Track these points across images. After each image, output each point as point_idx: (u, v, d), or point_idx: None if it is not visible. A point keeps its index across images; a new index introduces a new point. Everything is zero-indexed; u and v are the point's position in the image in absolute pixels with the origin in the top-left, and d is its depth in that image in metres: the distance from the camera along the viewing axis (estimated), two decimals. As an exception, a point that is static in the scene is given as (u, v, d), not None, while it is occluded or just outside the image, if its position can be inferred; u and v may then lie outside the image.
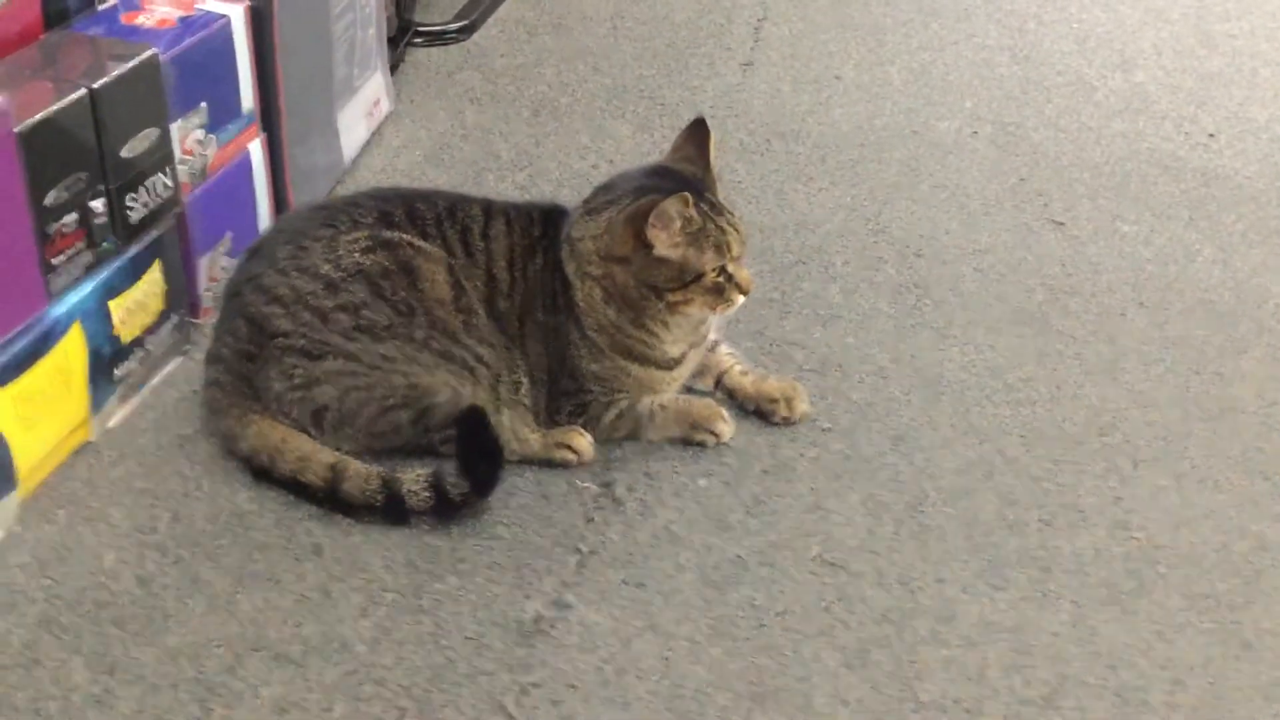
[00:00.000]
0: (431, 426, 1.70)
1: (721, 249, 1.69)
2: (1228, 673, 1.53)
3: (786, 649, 1.52)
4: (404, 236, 1.69)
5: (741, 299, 1.73)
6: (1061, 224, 2.45)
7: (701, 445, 1.82)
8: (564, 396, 1.77)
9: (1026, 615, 1.59)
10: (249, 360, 1.68)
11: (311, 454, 1.66)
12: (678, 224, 1.65)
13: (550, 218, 1.77)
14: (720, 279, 1.70)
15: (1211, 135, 2.81)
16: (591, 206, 1.75)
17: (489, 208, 1.78)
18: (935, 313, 2.16)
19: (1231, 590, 1.64)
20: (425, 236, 1.70)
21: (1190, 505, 1.78)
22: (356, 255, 1.66)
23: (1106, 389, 2.00)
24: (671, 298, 1.70)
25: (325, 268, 1.65)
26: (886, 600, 1.60)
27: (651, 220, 1.64)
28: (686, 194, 1.63)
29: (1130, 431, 1.91)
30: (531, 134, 2.66)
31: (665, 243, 1.66)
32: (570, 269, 1.73)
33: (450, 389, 1.67)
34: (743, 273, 1.72)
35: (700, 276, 1.68)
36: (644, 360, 1.77)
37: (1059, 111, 2.87)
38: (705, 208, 1.68)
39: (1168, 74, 3.08)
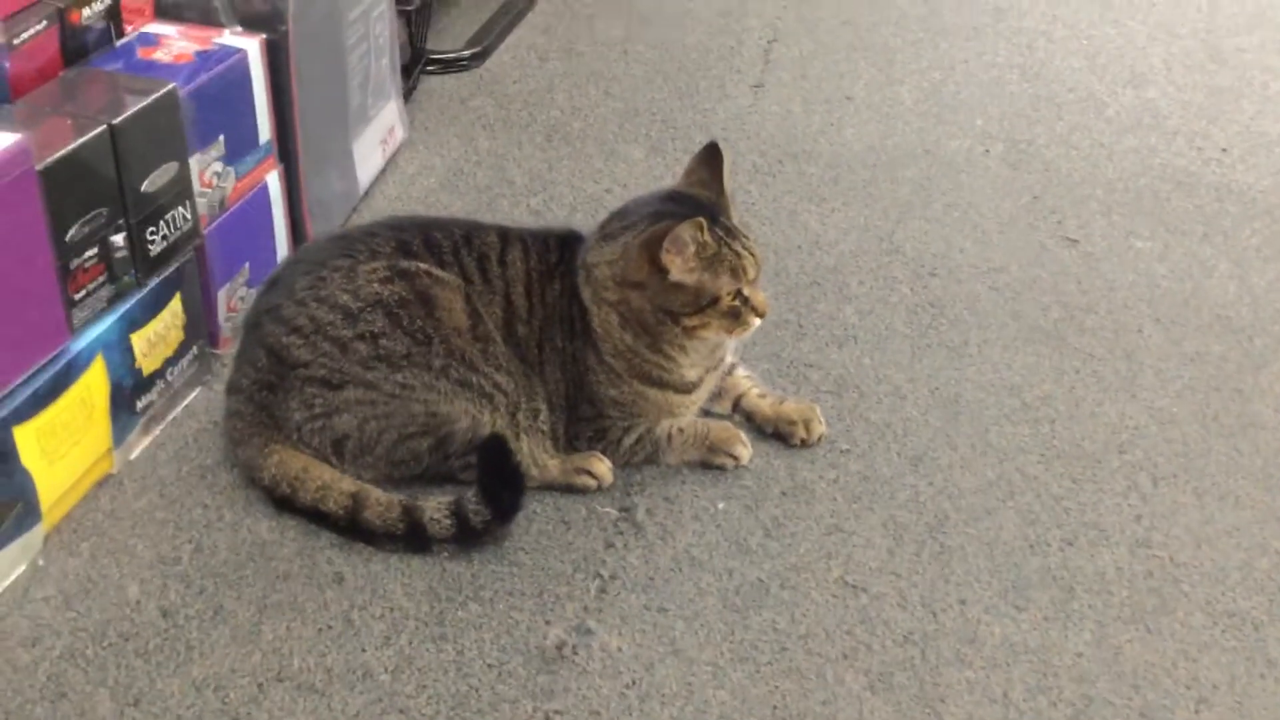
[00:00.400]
0: (451, 454, 1.70)
1: (737, 273, 1.69)
2: (1253, 691, 1.52)
3: (810, 672, 1.52)
4: (421, 265, 1.70)
5: (757, 322, 1.73)
6: (1075, 241, 2.45)
7: (720, 469, 1.82)
8: (583, 422, 1.78)
9: (1050, 636, 1.58)
10: (269, 390, 1.69)
11: (332, 483, 1.67)
12: (692, 249, 1.66)
13: (567, 243, 1.78)
14: (736, 303, 1.70)
15: (1224, 150, 2.80)
16: (606, 232, 1.75)
17: (505, 235, 1.79)
18: (951, 332, 2.16)
19: (1255, 608, 1.64)
20: (443, 265, 1.71)
21: (1212, 522, 1.77)
22: (375, 285, 1.67)
23: (1125, 406, 1.99)
24: (688, 322, 1.70)
25: (344, 298, 1.66)
26: (909, 622, 1.59)
27: (666, 245, 1.65)
28: (701, 219, 1.64)
29: (1150, 448, 1.91)
30: (545, 159, 2.67)
31: (680, 267, 1.67)
32: (586, 295, 1.74)
33: (469, 416, 1.68)
34: (759, 296, 1.72)
35: (716, 300, 1.69)
36: (661, 385, 1.77)
37: (1070, 128, 2.88)
38: (720, 232, 1.69)
39: (1179, 90, 3.08)
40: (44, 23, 1.74)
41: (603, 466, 1.77)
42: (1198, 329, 2.19)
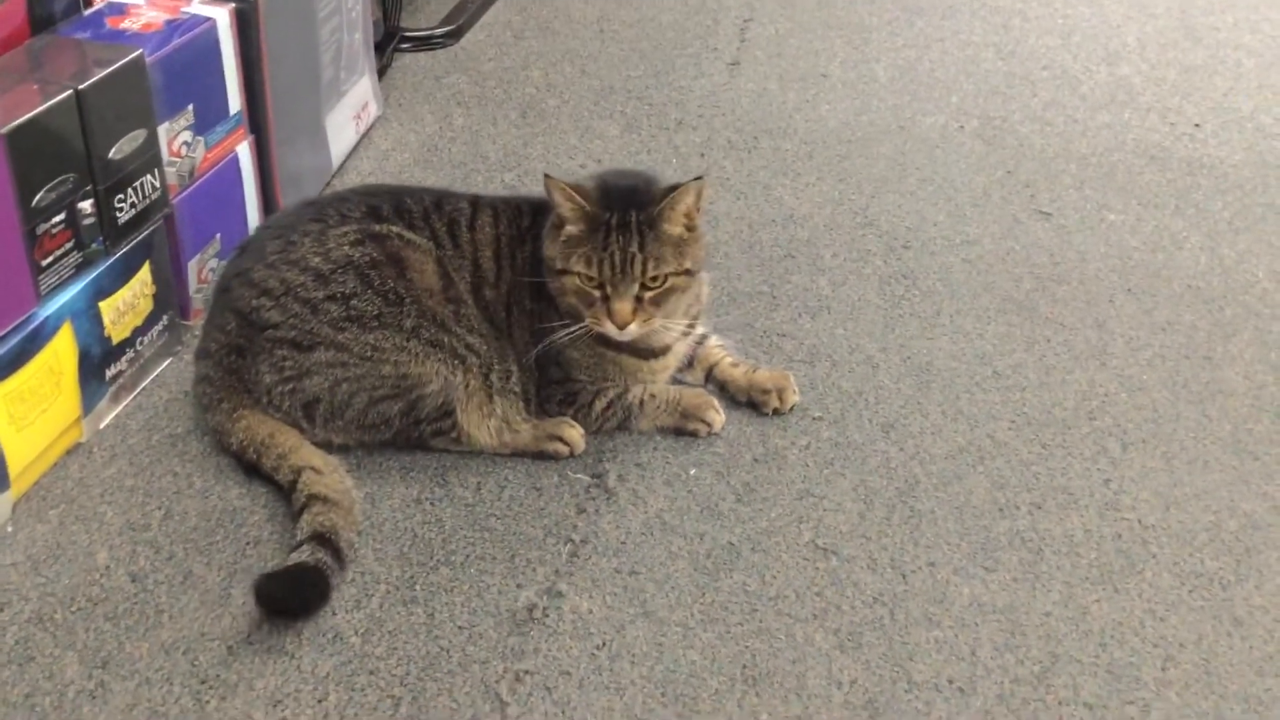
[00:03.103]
0: (422, 419, 1.70)
1: (591, 263, 1.65)
2: (1219, 649, 1.53)
3: (779, 633, 1.53)
4: (392, 229, 1.69)
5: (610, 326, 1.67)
6: (1048, 214, 2.46)
7: (694, 435, 1.83)
8: (553, 385, 1.78)
9: (1018, 596, 1.59)
10: (239, 354, 1.69)
11: (289, 453, 1.67)
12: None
13: (541, 210, 1.77)
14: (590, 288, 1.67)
15: (1197, 125, 2.82)
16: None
17: (476, 202, 1.79)
18: (924, 303, 2.17)
19: (1223, 568, 1.65)
20: (413, 229, 1.71)
21: (1180, 485, 1.78)
22: (346, 247, 1.67)
23: (1096, 374, 2.00)
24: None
25: (315, 260, 1.66)
26: (879, 584, 1.60)
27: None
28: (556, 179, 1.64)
29: (1119, 415, 1.92)
30: (520, 135, 2.67)
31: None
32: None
33: (441, 378, 1.68)
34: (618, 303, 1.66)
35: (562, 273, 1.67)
36: (623, 347, 1.76)
37: (1044, 105, 2.89)
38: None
39: (1152, 67, 3.09)
40: (10, -11, 1.73)
41: (574, 433, 1.77)
42: (1169, 299, 2.21)
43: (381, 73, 2.80)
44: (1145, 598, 1.60)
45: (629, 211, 1.65)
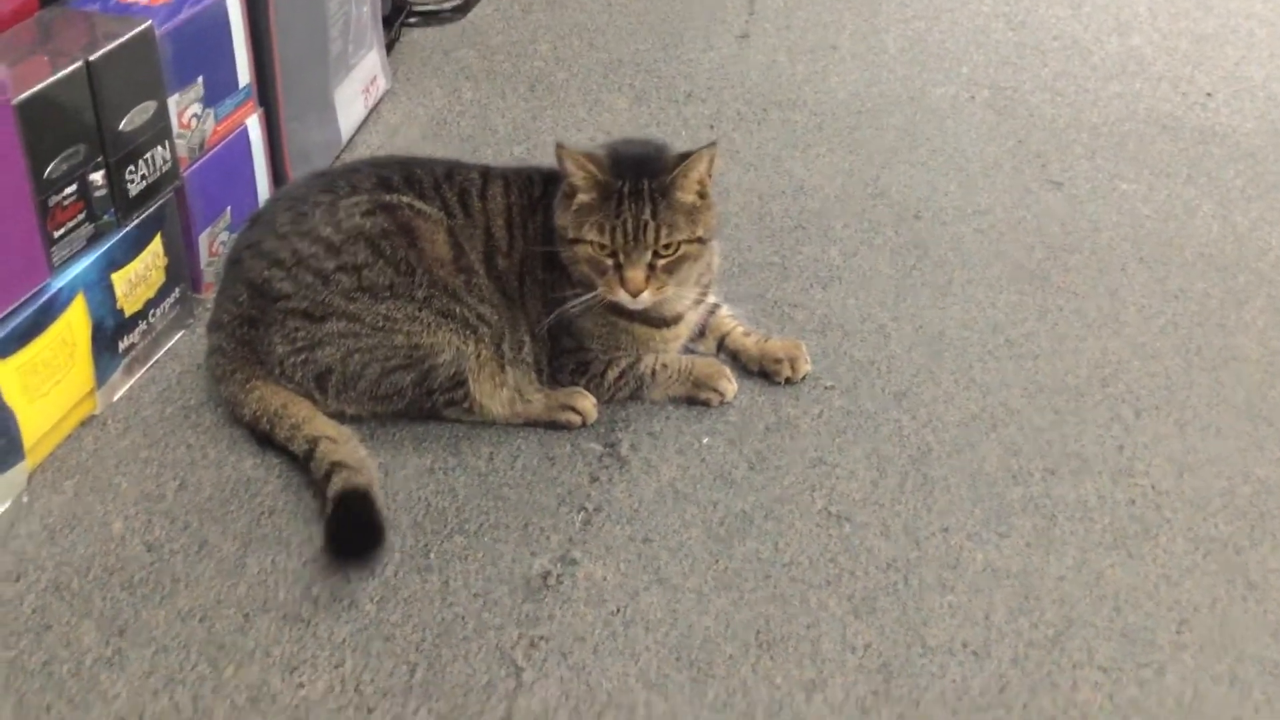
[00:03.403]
0: (434, 389, 1.70)
1: (603, 231, 1.64)
2: (1234, 613, 1.53)
3: (794, 599, 1.53)
4: (403, 199, 1.69)
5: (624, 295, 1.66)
6: (1060, 184, 2.45)
7: (706, 404, 1.83)
8: (565, 355, 1.78)
9: (1032, 561, 1.59)
10: (251, 325, 1.69)
11: (302, 423, 1.67)
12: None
13: (553, 179, 1.77)
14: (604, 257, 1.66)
15: (1209, 94, 2.80)
16: None
17: (487, 172, 1.79)
18: (935, 272, 2.16)
19: (1237, 533, 1.64)
20: (424, 199, 1.71)
21: (1194, 451, 1.78)
22: (357, 218, 1.67)
23: (1108, 342, 2.00)
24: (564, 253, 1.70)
25: (326, 230, 1.66)
26: (892, 550, 1.60)
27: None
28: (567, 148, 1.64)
29: (1133, 382, 1.91)
30: (528, 109, 2.66)
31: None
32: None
33: (453, 348, 1.68)
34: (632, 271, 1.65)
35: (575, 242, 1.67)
36: (629, 315, 1.75)
37: (1055, 75, 2.87)
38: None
39: (1164, 36, 3.07)
40: (19, -38, 1.73)
41: (586, 403, 1.77)
42: (1181, 267, 2.20)
43: (390, 47, 2.79)
44: (1159, 562, 1.60)
45: (641, 179, 1.64)
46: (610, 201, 1.64)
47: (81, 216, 1.68)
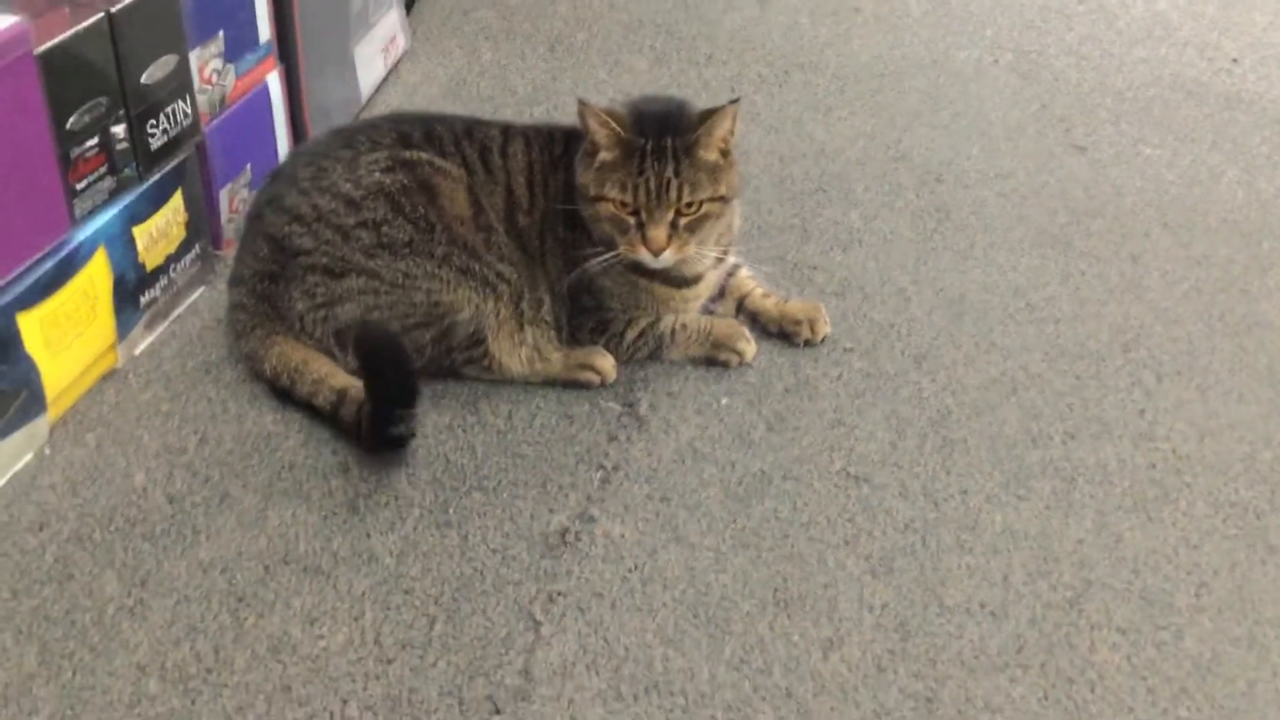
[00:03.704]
0: (454, 346, 1.70)
1: (626, 189, 1.63)
2: (1253, 576, 1.53)
3: (811, 558, 1.53)
4: (423, 155, 1.69)
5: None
6: (1083, 149, 2.43)
7: (725, 365, 1.82)
8: (585, 313, 1.77)
9: (1050, 524, 1.59)
10: (271, 281, 1.69)
11: (325, 377, 1.67)
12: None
13: (574, 137, 1.76)
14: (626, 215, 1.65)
15: (1234, 60, 2.77)
16: None
17: (507, 129, 1.78)
18: (957, 236, 2.15)
19: (1257, 497, 1.64)
20: (444, 156, 1.70)
21: (1215, 416, 1.77)
22: (377, 174, 1.66)
23: (1131, 307, 1.99)
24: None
25: (346, 186, 1.66)
26: (910, 511, 1.60)
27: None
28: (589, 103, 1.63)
29: (1154, 347, 1.90)
30: (548, 69, 2.65)
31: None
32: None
33: (473, 306, 1.68)
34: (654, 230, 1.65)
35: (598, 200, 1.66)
36: (650, 274, 1.73)
37: (1080, 39, 2.84)
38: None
39: (1189, 1, 3.04)
40: (40, -88, 1.72)
41: (605, 362, 1.77)
42: (1205, 233, 2.18)
43: (409, 6, 2.78)
44: (1179, 526, 1.59)
45: (664, 137, 1.63)
46: (633, 159, 1.63)
47: (103, 169, 1.68)
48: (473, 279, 1.68)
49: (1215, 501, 1.63)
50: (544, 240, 1.74)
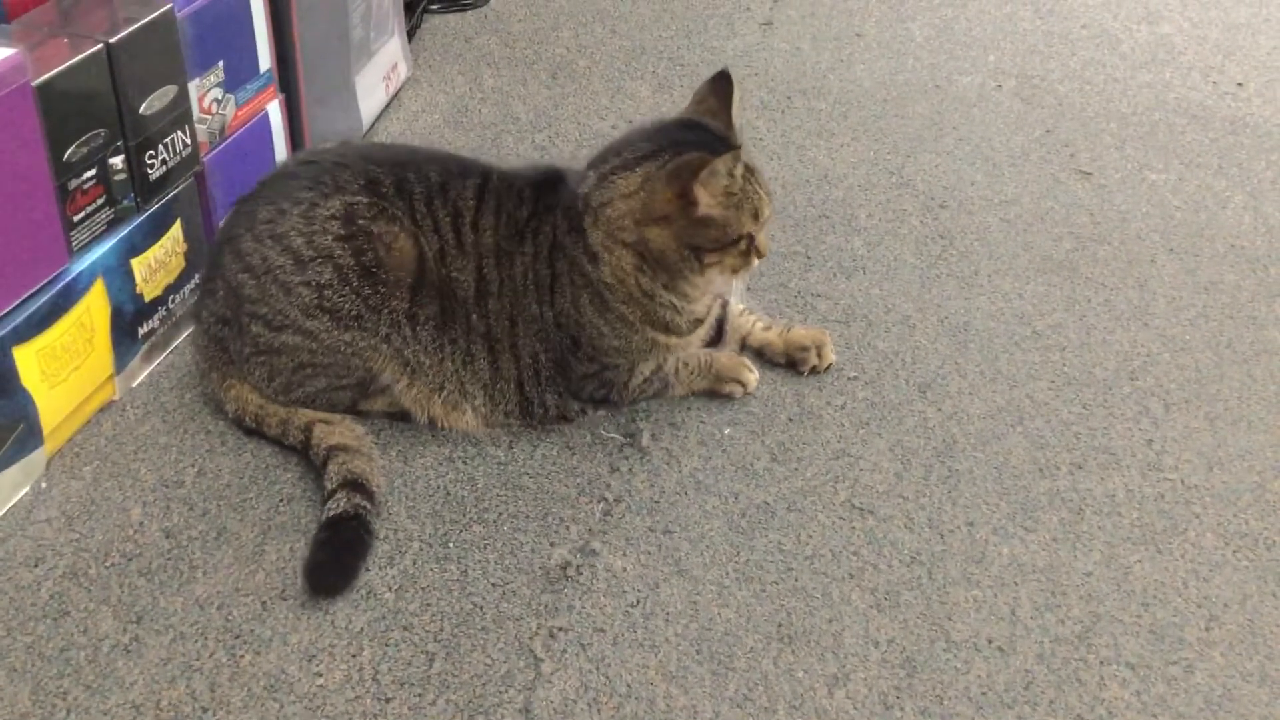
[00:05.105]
0: (367, 396, 1.71)
1: (757, 214, 1.59)
2: (1264, 609, 1.50)
3: (815, 592, 1.51)
4: (382, 228, 1.60)
5: (756, 264, 1.64)
6: (1089, 174, 2.41)
7: (729, 397, 1.80)
8: (585, 379, 1.71)
9: (1058, 556, 1.57)
10: (224, 324, 1.68)
11: (289, 417, 1.67)
12: (724, 183, 1.55)
13: (545, 189, 1.66)
14: (746, 243, 1.61)
15: (1239, 84, 2.76)
16: (613, 166, 1.61)
17: (483, 188, 1.66)
18: (961, 263, 2.14)
19: (1268, 529, 1.62)
20: (412, 214, 1.62)
21: (1224, 446, 1.75)
22: (329, 239, 1.60)
23: (1137, 334, 1.97)
24: (708, 259, 1.60)
25: (298, 242, 1.60)
26: (916, 543, 1.58)
27: (702, 176, 1.52)
28: (736, 151, 1.53)
29: (1162, 375, 1.88)
30: (550, 96, 2.64)
31: (708, 201, 1.55)
32: (595, 239, 1.61)
33: (395, 375, 1.67)
34: (763, 238, 1.63)
35: (738, 240, 1.58)
36: (672, 329, 1.68)
37: (1084, 64, 2.83)
38: (742, 168, 1.58)
39: (1194, 25, 3.03)
40: (39, -57, 1.72)
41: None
42: (1211, 259, 2.16)
43: (411, 33, 2.78)
44: (1188, 558, 1.57)
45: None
46: (745, 180, 1.58)
47: (101, 201, 1.67)
48: (401, 359, 1.65)
49: (1225, 533, 1.61)
50: (515, 325, 1.66)
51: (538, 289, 1.65)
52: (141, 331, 1.78)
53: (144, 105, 1.71)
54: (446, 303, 1.64)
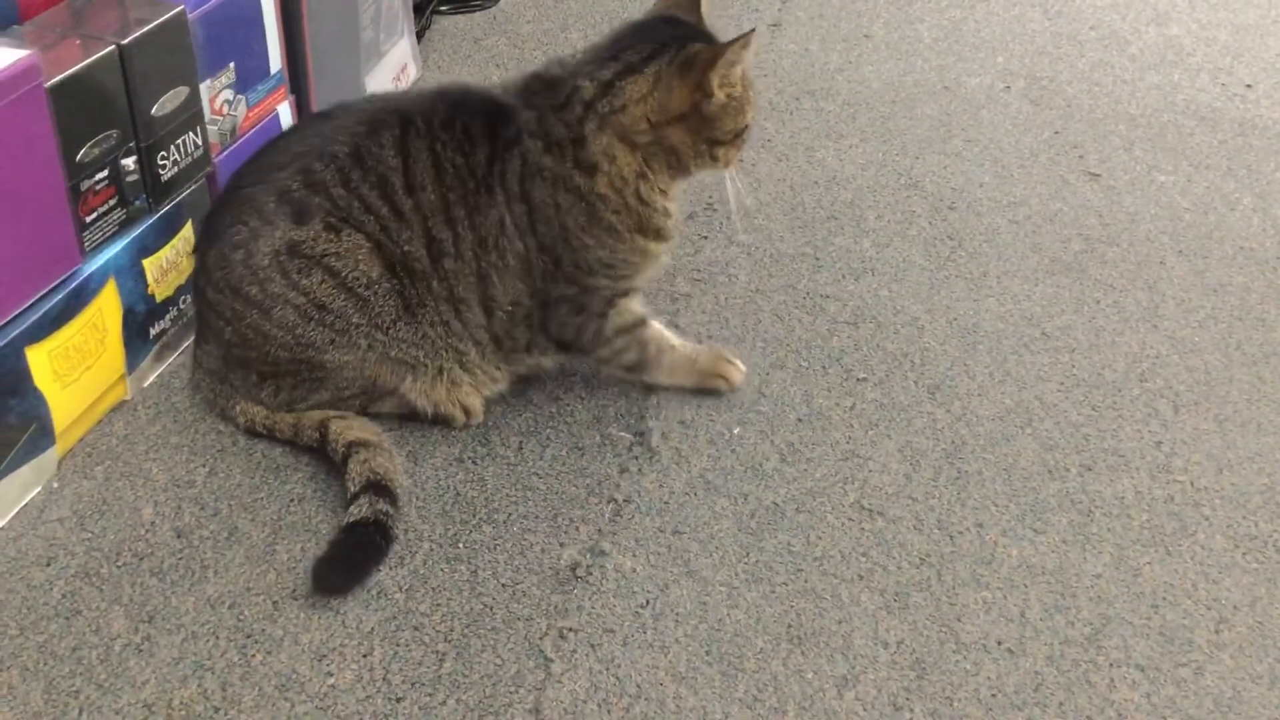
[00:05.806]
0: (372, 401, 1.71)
1: (756, 104, 1.61)
2: (1274, 611, 1.50)
3: (825, 593, 1.51)
4: (323, 249, 1.58)
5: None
6: (1097, 175, 2.41)
7: (716, 391, 1.80)
8: (558, 304, 1.67)
9: (1068, 558, 1.57)
10: (223, 363, 1.71)
11: (302, 415, 1.67)
12: (738, 70, 1.53)
13: (495, 123, 1.59)
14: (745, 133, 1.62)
15: (1248, 86, 2.76)
16: (616, 71, 1.56)
17: (405, 140, 1.58)
18: (970, 264, 2.14)
19: (1277, 531, 1.62)
20: (337, 211, 1.58)
21: (1234, 448, 1.75)
22: (276, 285, 1.59)
23: (1147, 336, 1.97)
24: (721, 151, 1.59)
25: (252, 290, 1.59)
26: (925, 545, 1.58)
27: (720, 66, 1.50)
28: (749, 35, 1.50)
29: (1171, 377, 1.88)
30: (559, 97, 2.64)
31: (725, 91, 1.53)
32: (598, 146, 1.56)
33: (394, 377, 1.68)
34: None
35: (746, 128, 1.59)
36: (663, 234, 1.66)
37: (1092, 65, 2.83)
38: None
39: (1202, 27, 3.03)
40: (52, -55, 1.73)
41: (475, 402, 1.74)
42: (1221, 261, 2.16)
43: (420, 34, 2.78)
44: (1198, 560, 1.57)
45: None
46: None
47: (113, 202, 1.67)
48: (391, 361, 1.66)
49: (1234, 535, 1.61)
50: (486, 279, 1.63)
51: (519, 231, 1.60)
52: (153, 332, 1.79)
53: (156, 106, 1.72)
54: (406, 287, 1.60)
